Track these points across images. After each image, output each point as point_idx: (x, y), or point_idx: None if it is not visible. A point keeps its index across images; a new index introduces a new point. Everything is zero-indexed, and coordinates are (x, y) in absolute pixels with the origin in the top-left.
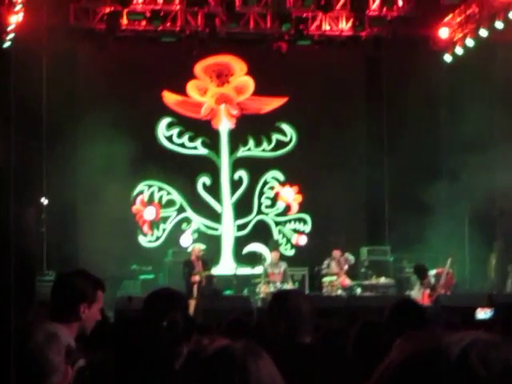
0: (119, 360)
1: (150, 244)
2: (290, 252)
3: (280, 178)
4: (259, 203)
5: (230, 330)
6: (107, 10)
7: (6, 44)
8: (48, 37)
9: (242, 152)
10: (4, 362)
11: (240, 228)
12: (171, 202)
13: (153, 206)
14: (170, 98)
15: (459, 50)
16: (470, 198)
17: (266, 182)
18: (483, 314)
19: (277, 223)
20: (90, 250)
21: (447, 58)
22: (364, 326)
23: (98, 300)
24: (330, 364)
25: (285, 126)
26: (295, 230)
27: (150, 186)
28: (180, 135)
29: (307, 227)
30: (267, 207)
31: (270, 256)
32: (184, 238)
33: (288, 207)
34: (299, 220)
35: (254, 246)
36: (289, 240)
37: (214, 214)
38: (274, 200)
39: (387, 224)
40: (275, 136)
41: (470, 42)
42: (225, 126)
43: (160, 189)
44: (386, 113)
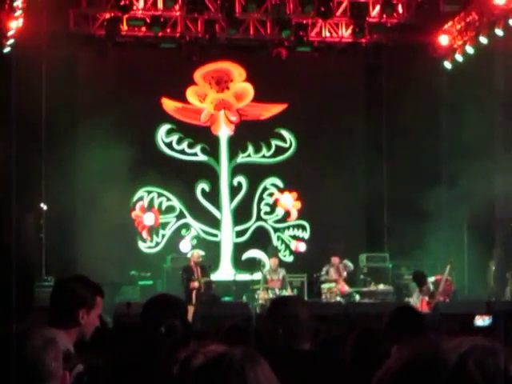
0: (117, 365)
1: (150, 250)
2: (289, 258)
3: (279, 184)
4: (258, 209)
5: (229, 337)
6: (107, 15)
7: (6, 49)
8: (48, 42)
9: (241, 158)
10: (4, 367)
11: (239, 234)
12: (171, 208)
13: (152, 211)
14: (169, 104)
15: (459, 57)
16: (470, 204)
17: (265, 189)
18: (481, 321)
19: (276, 229)
20: (88, 256)
21: (447, 65)
22: (362, 333)
23: (97, 306)
24: (329, 371)
25: (284, 132)
26: (294, 237)
27: (149, 192)
28: (179, 142)
29: (306, 234)
30: (266, 214)
31: (268, 262)
32: (183, 244)
33: (287, 214)
34: (298, 226)
35: (253, 253)
36: (288, 246)
37: (213, 220)
38: (273, 206)
39: (386, 231)
40: (274, 142)
41: (469, 50)
42: (224, 133)
43: (159, 195)
44: (386, 119)
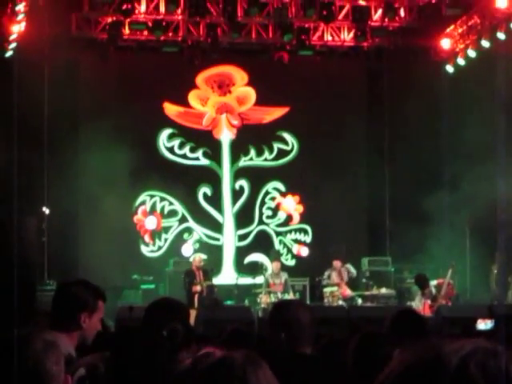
0: (119, 369)
1: (152, 254)
2: (291, 262)
3: (281, 188)
4: (260, 213)
5: (231, 340)
6: (109, 19)
7: (8, 53)
8: (50, 46)
9: (243, 162)
10: (6, 371)
11: (241, 238)
12: (173, 212)
13: (154, 215)
14: (171, 109)
15: (461, 61)
16: (472, 208)
17: (267, 193)
18: (484, 324)
19: (278, 233)
20: (91, 260)
21: (449, 68)
22: (364, 337)
23: (99, 310)
24: (331, 375)
25: (286, 135)
26: (296, 241)
27: (151, 196)
28: (181, 146)
29: (308, 238)
30: (268, 217)
31: (271, 266)
32: (185, 248)
33: (289, 217)
34: (300, 230)
35: (255, 256)
36: (290, 250)
37: (215, 224)
38: (275, 210)
39: (388, 234)
40: (276, 145)
41: (471, 53)
42: (226, 136)
43: (162, 199)
44: (388, 123)
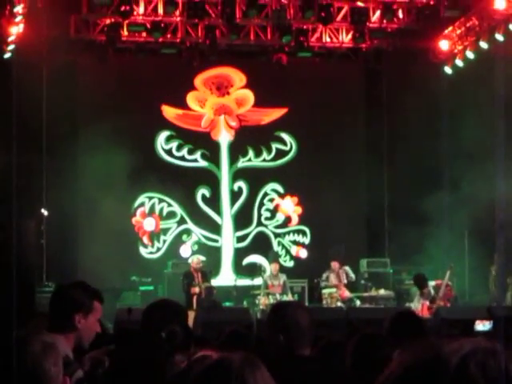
0: (117, 371)
1: (151, 255)
2: (290, 264)
3: (279, 190)
4: (259, 215)
5: (229, 342)
6: (108, 21)
7: (7, 55)
8: (48, 48)
9: (241, 163)
10: (4, 373)
11: (240, 240)
12: (172, 214)
13: (152, 217)
14: (169, 112)
15: (459, 63)
16: (470, 209)
17: (265, 194)
18: (482, 326)
19: (276, 235)
20: (89, 262)
21: (447, 70)
22: (362, 339)
23: (95, 310)
24: (330, 376)
25: (284, 135)
26: (295, 242)
27: (150, 198)
28: (179, 148)
29: (306, 239)
30: (267, 219)
31: (269, 268)
32: (183, 249)
33: (288, 219)
34: (298, 232)
35: (254, 258)
36: (288, 252)
37: (214, 225)
38: (273, 212)
39: (387, 236)
40: (275, 145)
41: (470, 55)
42: (224, 138)
43: (160, 201)
44: (386, 124)
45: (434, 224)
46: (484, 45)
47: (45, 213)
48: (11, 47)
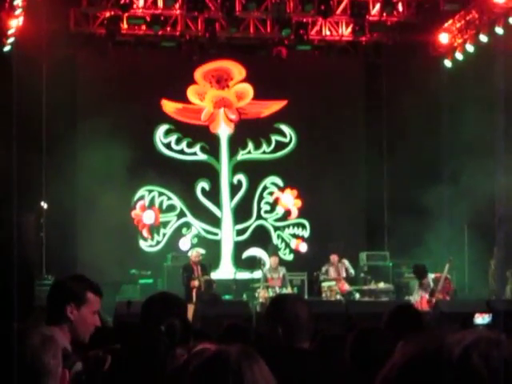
0: (116, 364)
1: (151, 249)
2: (289, 257)
3: (279, 183)
4: (258, 208)
5: (227, 335)
6: (107, 14)
7: (6, 48)
8: (48, 41)
9: (241, 155)
10: (4, 366)
11: (239, 233)
12: (171, 207)
13: (152, 210)
14: (169, 106)
15: (459, 56)
16: (470, 203)
17: (265, 187)
18: (481, 319)
19: (276, 228)
20: (89, 255)
21: (447, 63)
22: (361, 332)
23: (89, 302)
24: (328, 370)
25: (284, 127)
26: (294, 235)
27: (150, 191)
28: (178, 142)
29: (306, 232)
30: (266, 212)
31: (269, 261)
32: (183, 242)
33: (287, 212)
34: (298, 225)
35: (254, 251)
36: (288, 245)
37: (213, 218)
38: (273, 205)
39: (386, 229)
40: (274, 137)
41: (470, 48)
42: (223, 131)
43: (160, 194)
44: (386, 118)
45: (434, 218)
46: (484, 38)
47: (44, 206)
48: (11, 40)
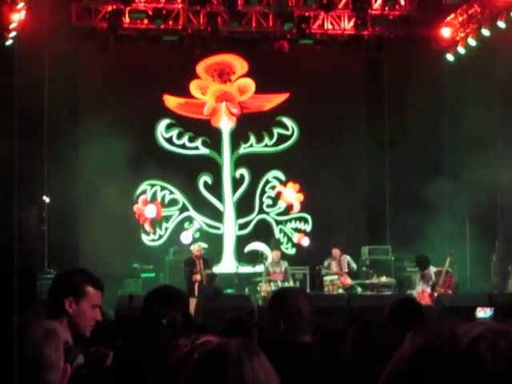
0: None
1: (153, 243)
2: (291, 251)
3: (281, 177)
4: (261, 202)
5: (229, 329)
6: (109, 8)
7: (8, 42)
8: (50, 35)
9: (243, 149)
10: (6, 359)
11: (241, 227)
12: (174, 201)
13: (154, 204)
14: (171, 101)
15: (461, 50)
16: (472, 196)
17: (267, 182)
18: (483, 313)
19: (278, 222)
20: (91, 249)
21: (449, 57)
22: (363, 325)
23: (89, 296)
24: (330, 363)
25: (286, 120)
26: (296, 229)
27: (152, 186)
28: (180, 136)
29: (308, 226)
30: (268, 206)
31: (271, 255)
32: (184, 236)
33: (290, 206)
34: (300, 219)
35: (256, 245)
36: (290, 239)
37: (215, 212)
38: (275, 199)
39: (388, 223)
40: (276, 130)
41: (472, 42)
42: (225, 125)
43: (162, 188)
44: (388, 112)
45: (436, 211)
46: (486, 32)
47: (46, 200)
48: (13, 34)
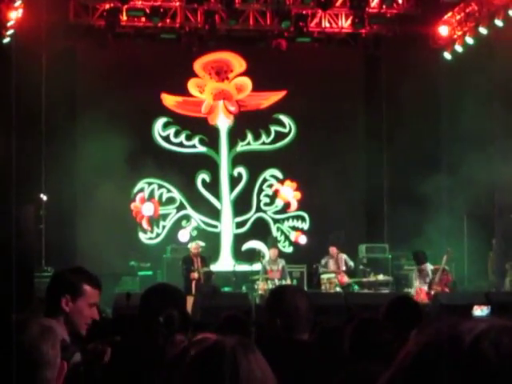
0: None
1: (150, 241)
2: (289, 249)
3: (279, 175)
4: (258, 201)
5: (225, 327)
6: (107, 6)
7: (6, 40)
8: (47, 33)
9: (241, 147)
10: (3, 357)
11: (239, 225)
12: (171, 200)
13: (151, 202)
14: (169, 99)
15: (459, 48)
16: (469, 194)
17: (264, 180)
18: (480, 311)
19: (275, 221)
20: (88, 247)
21: (447, 55)
22: (360, 323)
23: (86, 295)
24: (328, 361)
25: (283, 117)
26: (294, 228)
27: (150, 184)
28: (177, 134)
29: (305, 225)
30: (266, 205)
31: (268, 253)
32: (182, 234)
33: (287, 205)
34: (298, 218)
35: (253, 243)
36: (287, 237)
37: (213, 211)
38: (272, 198)
39: (386, 220)
40: (274, 128)
41: (469, 40)
42: (223, 123)
43: (160, 186)
44: (385, 110)
45: (433, 208)
46: (483, 30)
47: (44, 198)
48: (10, 32)
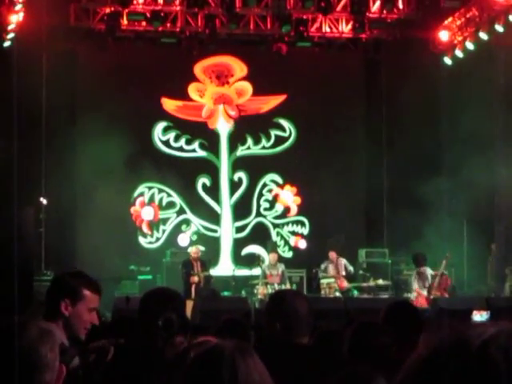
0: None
1: (150, 245)
2: (288, 254)
3: (278, 180)
4: (258, 205)
5: (224, 330)
6: (107, 10)
7: (7, 43)
8: (48, 37)
9: (241, 151)
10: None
11: (239, 230)
12: (171, 204)
13: (151, 206)
14: (169, 103)
15: (459, 53)
16: (469, 198)
17: (264, 185)
18: (479, 316)
19: (275, 225)
20: (88, 250)
21: (447, 60)
22: (359, 327)
23: (85, 299)
24: (327, 365)
25: (283, 122)
26: (293, 233)
27: (150, 188)
28: (177, 139)
29: (305, 230)
30: (266, 209)
31: (268, 258)
32: (181, 238)
33: (287, 209)
34: (297, 222)
35: (253, 248)
36: (287, 242)
37: (213, 215)
38: (272, 202)
39: (385, 225)
40: (274, 132)
41: (470, 45)
42: (223, 127)
43: (160, 191)
44: (386, 114)
45: (433, 212)
46: (484, 36)
47: (44, 201)
48: (11, 36)
